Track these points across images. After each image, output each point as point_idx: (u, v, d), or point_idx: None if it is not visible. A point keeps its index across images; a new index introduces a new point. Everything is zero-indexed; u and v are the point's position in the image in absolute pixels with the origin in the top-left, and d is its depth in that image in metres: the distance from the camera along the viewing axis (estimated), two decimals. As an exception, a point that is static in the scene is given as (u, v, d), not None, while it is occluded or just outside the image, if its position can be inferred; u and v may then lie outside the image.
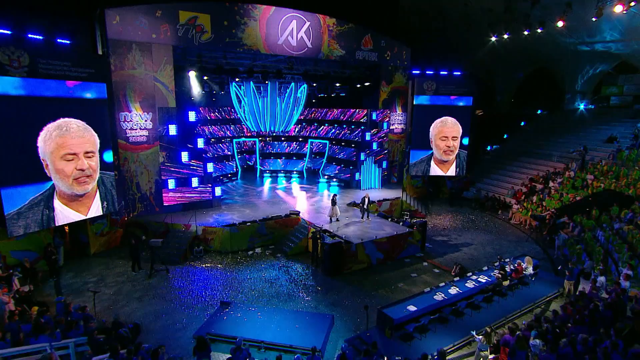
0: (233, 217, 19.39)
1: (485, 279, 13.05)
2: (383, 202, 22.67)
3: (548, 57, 33.10)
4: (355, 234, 16.86)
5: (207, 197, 20.54)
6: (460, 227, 21.94)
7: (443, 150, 26.12)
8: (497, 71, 38.10)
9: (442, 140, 26.07)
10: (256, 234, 18.26)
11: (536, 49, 31.94)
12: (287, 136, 30.88)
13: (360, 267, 15.95)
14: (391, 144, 27.65)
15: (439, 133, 26.00)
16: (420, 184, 28.30)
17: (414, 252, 17.63)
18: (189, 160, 19.60)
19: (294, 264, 16.65)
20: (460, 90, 26.97)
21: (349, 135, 27.69)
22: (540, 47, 31.42)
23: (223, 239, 17.67)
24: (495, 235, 20.62)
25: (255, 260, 17.09)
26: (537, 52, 32.54)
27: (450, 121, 26.06)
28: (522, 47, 31.38)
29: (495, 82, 39.54)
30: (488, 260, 17.16)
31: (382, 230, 17.38)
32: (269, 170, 30.31)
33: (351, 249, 15.53)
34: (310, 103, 30.00)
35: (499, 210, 24.64)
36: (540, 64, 35.48)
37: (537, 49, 31.97)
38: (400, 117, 27.54)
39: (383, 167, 26.84)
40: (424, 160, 26.47)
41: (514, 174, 28.32)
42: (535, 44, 30.55)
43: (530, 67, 36.45)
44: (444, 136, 26.05)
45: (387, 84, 26.31)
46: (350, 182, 26.17)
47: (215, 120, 28.22)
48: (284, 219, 19.12)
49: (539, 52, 32.72)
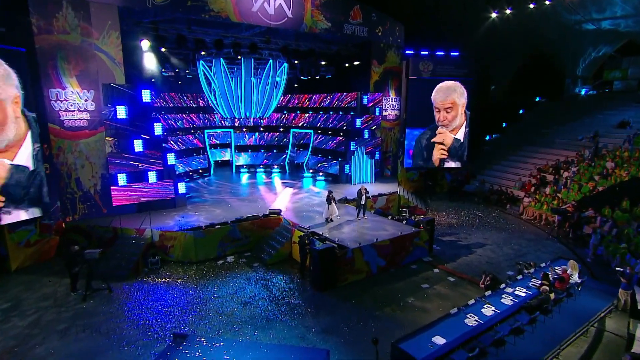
0: (200, 218, 15.91)
1: (523, 292, 10.01)
2: (378, 197, 19.55)
3: (548, 40, 30.68)
4: (351, 237, 13.64)
5: (169, 195, 16.96)
6: (467, 224, 19.01)
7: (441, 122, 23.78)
8: (491, 58, 35.61)
9: (437, 111, 23.67)
10: (227, 238, 14.85)
11: (536, 31, 29.52)
12: (267, 126, 27.44)
13: (358, 278, 12.75)
14: (384, 132, 24.57)
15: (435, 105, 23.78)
16: (416, 177, 25.34)
17: (421, 255, 14.54)
18: (144, 150, 15.99)
19: (275, 276, 13.32)
20: (460, 71, 24.18)
21: (337, 123, 24.44)
22: (541, 28, 28.99)
23: (185, 246, 14.19)
24: (509, 233, 17.75)
25: (226, 271, 13.67)
26: (536, 35, 30.11)
27: (440, 92, 23.68)
28: (520, 30, 28.92)
29: (490, 69, 37.05)
30: (510, 263, 14.25)
31: (382, 231, 14.22)
32: (247, 165, 26.82)
33: (347, 256, 12.31)
34: (292, 88, 26.62)
35: (507, 205, 21.87)
36: (538, 49, 33.07)
37: (537, 31, 29.55)
38: (394, 101, 24.48)
39: (376, 158, 23.74)
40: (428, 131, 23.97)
41: (519, 165, 25.68)
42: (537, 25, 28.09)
43: (527, 52, 34.00)
44: (437, 108, 23.75)
45: (379, 64, 23.19)
46: (339, 176, 22.95)
47: (184, 108, 24.54)
48: (262, 219, 15.76)
49: (538, 35, 30.29)
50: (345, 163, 22.60)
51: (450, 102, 23.52)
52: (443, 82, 23.70)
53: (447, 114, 23.49)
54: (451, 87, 23.63)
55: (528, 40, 31.16)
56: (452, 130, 23.90)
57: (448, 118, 23.55)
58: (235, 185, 22.82)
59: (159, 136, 16.38)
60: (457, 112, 23.64)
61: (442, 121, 23.55)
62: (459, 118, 23.79)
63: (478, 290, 11.89)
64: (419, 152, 24.10)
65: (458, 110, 23.64)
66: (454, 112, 23.58)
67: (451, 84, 23.71)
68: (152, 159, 16.32)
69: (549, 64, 32.79)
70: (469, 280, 12.86)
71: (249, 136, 27.31)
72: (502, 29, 29.12)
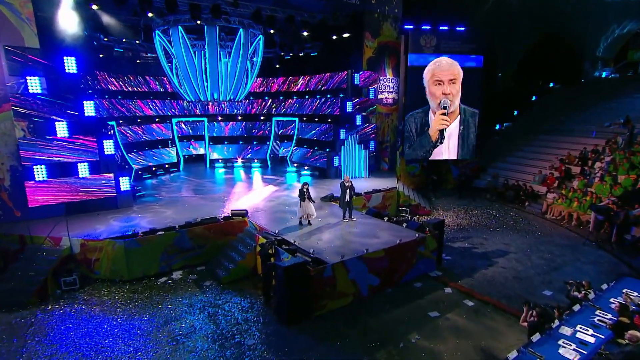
0: (145, 221, 12.40)
1: (590, 334, 6.48)
2: (373, 194, 16.05)
3: (565, 16, 27.16)
4: (333, 246, 10.14)
5: (108, 193, 13.45)
6: (482, 226, 15.52)
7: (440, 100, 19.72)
8: (500, 39, 32.10)
9: (437, 84, 19.62)
10: (173, 248, 11.35)
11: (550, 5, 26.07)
12: (245, 114, 23.92)
13: (341, 304, 9.25)
14: (380, 118, 21.10)
15: (432, 77, 19.59)
16: (418, 170, 21.79)
17: (427, 269, 11.05)
18: (71, 136, 12.49)
19: (230, 300, 9.83)
20: (468, 47, 20.63)
21: (324, 108, 20.91)
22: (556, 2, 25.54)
23: (114, 260, 10.68)
24: (534, 237, 14.27)
25: (166, 293, 10.18)
26: (551, 10, 26.64)
27: (445, 62, 19.73)
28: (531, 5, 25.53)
29: (498, 52, 33.52)
30: (544, 278, 10.79)
31: (375, 238, 10.73)
32: (223, 159, 23.31)
33: (324, 274, 8.80)
34: (272, 70, 23.10)
35: (526, 202, 18.37)
36: (552, 28, 29.53)
37: (551, 5, 26.10)
38: (392, 82, 21.00)
39: (370, 149, 20.26)
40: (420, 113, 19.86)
41: (536, 156, 22.17)
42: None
43: (539, 31, 30.47)
44: (438, 80, 19.62)
45: (373, 37, 19.73)
46: (327, 170, 19.46)
47: (145, 93, 21.02)
48: (222, 223, 12.26)
49: (552, 10, 26.81)
50: (334, 154, 19.11)
51: (453, 72, 19.79)
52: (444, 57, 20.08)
53: (453, 86, 19.73)
54: (453, 62, 20.01)
55: (541, 17, 27.68)
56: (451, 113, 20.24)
57: (453, 92, 19.83)
58: (205, 181, 19.30)
59: (92, 118, 12.88)
60: (458, 88, 19.94)
61: (447, 95, 19.74)
62: (456, 101, 20.11)
63: (512, 323, 8.43)
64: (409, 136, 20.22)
65: (459, 85, 19.93)
66: (457, 86, 19.86)
67: (450, 60, 20.09)
68: (83, 146, 12.81)
69: (564, 44, 29.27)
70: (494, 305, 9.36)
71: (225, 126, 23.77)
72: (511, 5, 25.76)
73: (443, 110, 19.54)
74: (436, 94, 19.63)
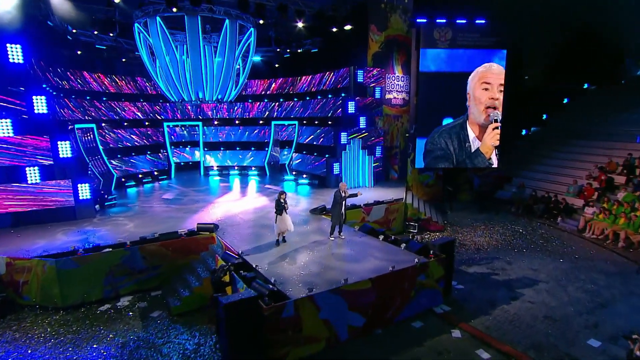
0: (98, 235, 10.56)
1: None
2: (374, 206, 13.73)
3: (603, 7, 24.17)
4: (306, 273, 7.92)
5: (64, 202, 11.74)
6: (505, 246, 12.91)
7: (486, 106, 17.30)
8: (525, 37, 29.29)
9: (484, 89, 17.28)
10: (122, 270, 9.42)
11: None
12: (243, 119, 22.17)
13: (310, 352, 6.98)
14: (388, 121, 18.83)
15: (481, 79, 17.28)
16: (432, 180, 19.28)
17: (431, 303, 8.63)
18: (16, 135, 10.88)
19: (176, 338, 7.77)
20: (489, 40, 18.22)
21: (325, 109, 18.81)
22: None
23: (45, 282, 8.83)
24: (571, 261, 11.57)
25: (101, 326, 8.20)
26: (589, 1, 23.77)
27: (496, 67, 17.47)
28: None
29: (523, 51, 30.65)
30: (587, 320, 8.20)
31: (362, 262, 8.44)
32: (218, 166, 21.54)
33: (283, 314, 6.58)
34: (272, 70, 21.28)
35: (559, 217, 15.57)
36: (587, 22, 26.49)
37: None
38: (401, 81, 18.73)
39: (376, 155, 17.99)
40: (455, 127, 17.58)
41: (570, 163, 19.30)
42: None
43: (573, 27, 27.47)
44: (487, 82, 17.27)
45: (380, 30, 17.62)
46: (327, 179, 17.29)
47: (135, 95, 19.58)
48: (183, 239, 10.26)
49: (591, 2, 23.93)
50: (333, 161, 16.93)
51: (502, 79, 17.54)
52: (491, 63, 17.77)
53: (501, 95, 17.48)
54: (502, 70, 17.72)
55: (575, 9, 24.78)
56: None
57: (500, 100, 17.58)
58: (192, 190, 17.45)
59: (44, 116, 11.26)
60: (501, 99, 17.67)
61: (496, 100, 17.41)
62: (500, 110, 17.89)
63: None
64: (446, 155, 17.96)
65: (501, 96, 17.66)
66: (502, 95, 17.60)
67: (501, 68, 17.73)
68: (32, 148, 11.18)
69: (602, 39, 26.13)
70: (518, 359, 6.89)
71: (221, 131, 22.06)
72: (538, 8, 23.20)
73: (496, 124, 17.29)
74: (482, 99, 17.35)
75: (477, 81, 17.42)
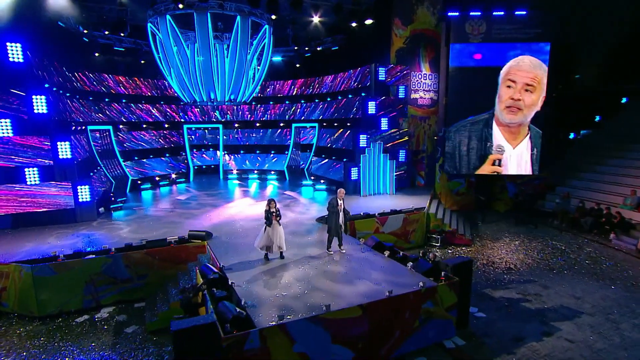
0: (93, 240, 10.09)
1: None
2: (390, 216, 12.34)
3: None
4: (285, 295, 6.81)
5: (64, 204, 11.44)
6: (542, 266, 11.08)
7: (505, 106, 15.50)
8: (575, 30, 26.47)
9: (507, 86, 15.53)
10: (104, 279, 8.81)
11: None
12: (263, 121, 21.50)
13: (282, 391, 5.86)
14: (414, 123, 17.35)
15: (506, 75, 15.53)
16: (463, 187, 17.53)
17: (441, 335, 7.21)
18: (16, 135, 10.70)
19: (144, 359, 6.94)
20: (530, 32, 16.28)
21: (343, 110, 17.67)
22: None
23: (22, 290, 8.35)
24: (625, 289, 9.60)
25: (69, 341, 7.55)
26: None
27: (527, 61, 15.50)
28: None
29: (575, 49, 27.75)
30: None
31: (357, 284, 7.20)
32: (237, 170, 20.98)
33: (246, 346, 5.50)
34: (294, 71, 20.46)
35: (612, 233, 13.35)
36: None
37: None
38: (429, 79, 17.23)
39: (400, 159, 16.56)
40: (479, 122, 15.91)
41: (627, 171, 16.71)
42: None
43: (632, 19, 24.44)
44: (511, 80, 15.51)
45: (404, 25, 16.26)
46: (344, 184, 16.10)
47: (155, 97, 19.47)
48: (172, 247, 9.50)
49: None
50: (351, 165, 15.73)
51: (534, 76, 15.54)
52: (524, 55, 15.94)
53: (527, 95, 15.56)
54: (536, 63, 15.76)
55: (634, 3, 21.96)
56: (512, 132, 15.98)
57: (526, 101, 15.62)
58: (204, 194, 16.90)
59: (44, 116, 11.02)
60: (537, 98, 15.68)
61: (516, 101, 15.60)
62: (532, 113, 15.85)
63: None
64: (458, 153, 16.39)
65: (539, 96, 15.67)
66: (535, 97, 15.63)
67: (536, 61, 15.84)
68: (32, 149, 10.96)
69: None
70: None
71: (242, 133, 21.52)
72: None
73: (498, 156, 15.53)
74: (502, 98, 15.62)
75: (503, 77, 15.64)
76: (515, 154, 16.17)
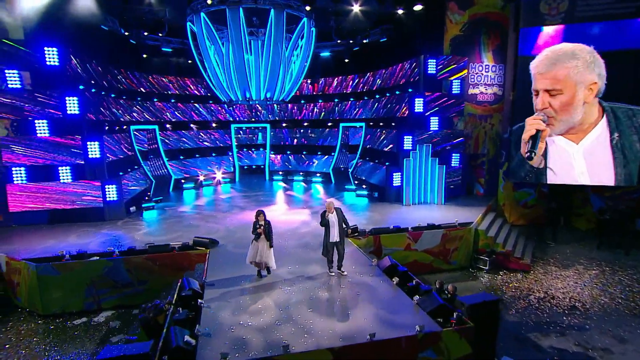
0: (110, 240, 10.17)
1: None
2: (425, 231, 10.58)
3: None
4: (251, 324, 5.77)
5: (93, 202, 11.79)
6: (620, 309, 8.50)
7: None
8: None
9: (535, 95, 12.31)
10: (104, 282, 8.68)
11: None
12: (311, 120, 20.67)
13: None
14: (472, 122, 15.11)
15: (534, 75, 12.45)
16: (533, 198, 14.74)
17: (449, 397, 5.57)
18: (51, 136, 11.22)
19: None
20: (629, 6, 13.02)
21: (389, 108, 16.03)
22: None
23: (30, 287, 8.53)
24: None
25: (56, 346, 7.45)
26: None
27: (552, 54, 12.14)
28: None
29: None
30: None
31: (342, 318, 5.89)
32: (283, 172, 20.46)
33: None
34: (343, 67, 19.27)
35: None
36: None
37: None
38: (492, 72, 14.88)
39: (453, 165, 14.51)
40: None
41: None
42: None
43: None
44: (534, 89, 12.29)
45: (462, 9, 14.16)
46: (385, 191, 14.56)
47: (202, 97, 19.73)
48: (174, 253, 9.06)
49: None
50: (394, 170, 14.13)
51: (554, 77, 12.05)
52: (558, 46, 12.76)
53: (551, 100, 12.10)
54: (567, 53, 12.32)
55: None
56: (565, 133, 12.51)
57: (554, 106, 12.11)
58: (241, 197, 16.55)
59: (76, 116, 11.44)
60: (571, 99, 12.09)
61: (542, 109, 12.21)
62: (578, 112, 12.17)
63: None
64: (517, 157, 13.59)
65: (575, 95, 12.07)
66: (565, 98, 12.06)
67: (569, 48, 12.46)
68: (65, 148, 11.43)
69: None
70: None
71: (288, 133, 20.96)
72: None
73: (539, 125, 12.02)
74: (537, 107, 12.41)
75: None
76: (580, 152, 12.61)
